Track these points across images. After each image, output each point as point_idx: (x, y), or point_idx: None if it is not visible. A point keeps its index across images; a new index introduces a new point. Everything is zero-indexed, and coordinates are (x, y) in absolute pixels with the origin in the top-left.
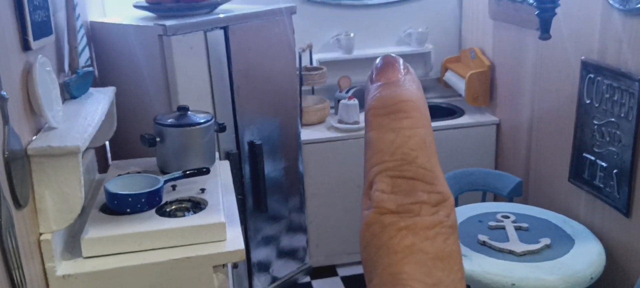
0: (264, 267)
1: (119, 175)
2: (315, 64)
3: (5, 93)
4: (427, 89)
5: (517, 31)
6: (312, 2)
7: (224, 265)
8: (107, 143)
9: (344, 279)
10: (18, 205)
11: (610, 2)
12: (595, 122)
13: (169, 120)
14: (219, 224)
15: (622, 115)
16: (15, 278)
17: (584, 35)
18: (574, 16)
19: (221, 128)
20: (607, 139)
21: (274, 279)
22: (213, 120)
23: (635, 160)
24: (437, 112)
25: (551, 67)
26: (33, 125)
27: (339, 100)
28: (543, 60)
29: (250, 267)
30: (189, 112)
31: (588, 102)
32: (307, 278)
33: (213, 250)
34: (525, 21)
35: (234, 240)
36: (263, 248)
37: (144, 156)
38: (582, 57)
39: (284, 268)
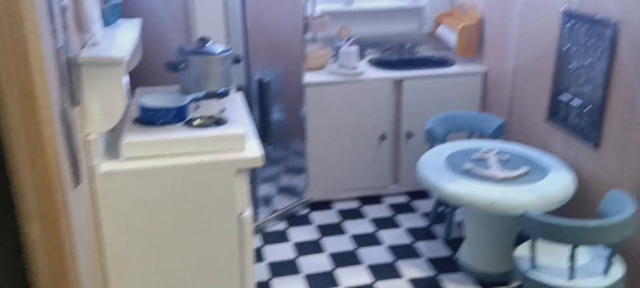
0: (266, 199)
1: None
2: (317, 13)
3: (66, 1)
4: (419, 42)
5: None
6: None
7: (243, 171)
8: None
9: (339, 212)
10: (75, 102)
11: None
12: (572, 65)
13: (192, 49)
14: (240, 135)
15: (597, 56)
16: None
17: None
18: None
19: (237, 60)
20: (582, 80)
21: (275, 210)
22: (231, 52)
23: (606, 95)
24: (429, 63)
25: (535, 17)
26: (79, 40)
27: (338, 49)
28: (528, 11)
29: (256, 199)
30: (208, 44)
31: (566, 48)
32: (307, 210)
33: (234, 156)
34: None
35: (252, 149)
36: (266, 184)
37: (160, 85)
38: (564, 7)
39: (284, 201)
